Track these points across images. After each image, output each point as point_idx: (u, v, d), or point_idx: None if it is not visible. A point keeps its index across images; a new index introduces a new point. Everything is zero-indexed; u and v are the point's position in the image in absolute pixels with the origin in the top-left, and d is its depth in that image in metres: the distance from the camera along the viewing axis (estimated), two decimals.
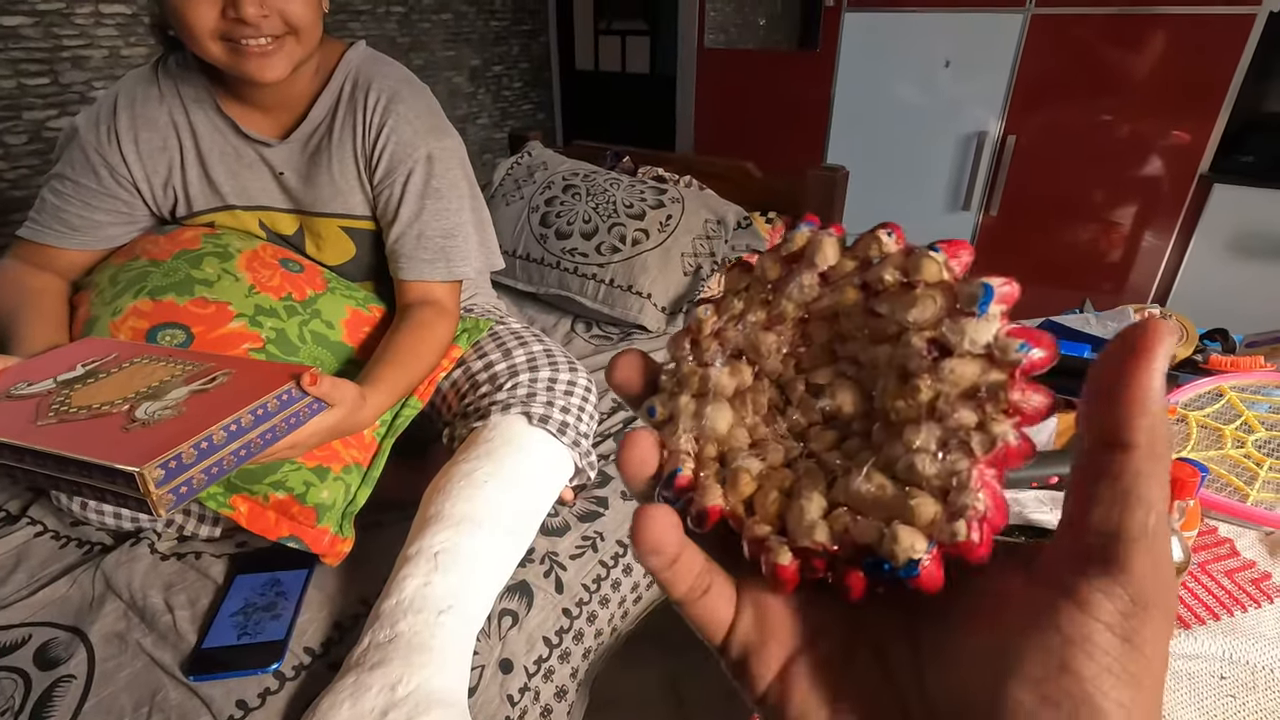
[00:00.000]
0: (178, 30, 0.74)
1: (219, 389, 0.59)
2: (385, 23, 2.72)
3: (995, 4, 1.99)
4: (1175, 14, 1.79)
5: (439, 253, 0.88)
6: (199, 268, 0.82)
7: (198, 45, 0.74)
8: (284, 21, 0.74)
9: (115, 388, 0.61)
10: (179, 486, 0.51)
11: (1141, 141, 1.93)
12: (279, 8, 0.72)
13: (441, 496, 0.74)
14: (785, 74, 2.44)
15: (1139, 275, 2.05)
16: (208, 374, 0.62)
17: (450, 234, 0.89)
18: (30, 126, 1.87)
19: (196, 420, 0.54)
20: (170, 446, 0.50)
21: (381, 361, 0.80)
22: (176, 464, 0.50)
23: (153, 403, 0.57)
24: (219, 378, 0.61)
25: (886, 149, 2.31)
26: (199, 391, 0.59)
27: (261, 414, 0.58)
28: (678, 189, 1.49)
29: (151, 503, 0.49)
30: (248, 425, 0.56)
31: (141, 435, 0.52)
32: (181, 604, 0.72)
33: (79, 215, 0.86)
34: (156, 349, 0.68)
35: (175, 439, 0.51)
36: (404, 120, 0.86)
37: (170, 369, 0.63)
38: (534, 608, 0.77)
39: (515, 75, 3.37)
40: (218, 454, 0.54)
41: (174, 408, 0.56)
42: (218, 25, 0.72)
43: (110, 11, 1.95)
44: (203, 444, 0.52)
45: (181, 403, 0.57)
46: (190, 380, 0.61)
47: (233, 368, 0.63)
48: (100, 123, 0.84)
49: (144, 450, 0.50)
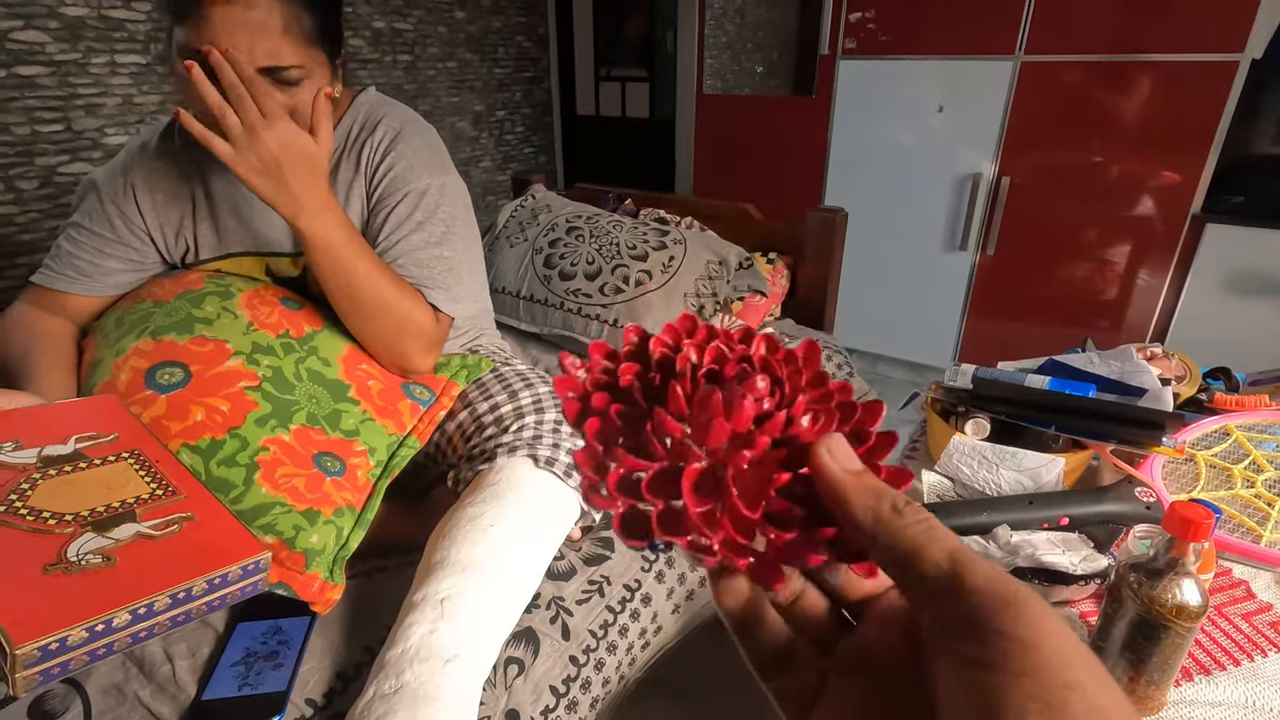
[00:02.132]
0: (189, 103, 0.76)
1: (166, 540, 0.55)
2: (392, 70, 2.80)
3: (985, 52, 2.05)
4: (1160, 61, 1.84)
5: (417, 279, 0.88)
6: (200, 306, 0.83)
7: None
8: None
9: (79, 493, 0.58)
10: (52, 668, 0.45)
11: (1134, 182, 1.97)
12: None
13: (447, 541, 0.73)
14: (782, 119, 2.50)
15: (1136, 313, 2.07)
16: (168, 510, 0.58)
17: (429, 265, 0.89)
18: (42, 172, 1.90)
19: (117, 584, 0.49)
20: (66, 622, 0.45)
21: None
22: (59, 646, 0.45)
23: (94, 536, 0.53)
24: (174, 525, 0.57)
25: (883, 191, 2.35)
26: (145, 536, 0.55)
27: (183, 597, 0.52)
28: (680, 230, 1.51)
29: (11, 681, 0.43)
30: (160, 609, 0.50)
31: (55, 587, 0.48)
32: (182, 653, 0.70)
33: (91, 262, 0.87)
34: (152, 445, 0.66)
35: (80, 605, 0.46)
36: (403, 156, 0.89)
37: (143, 485, 0.61)
38: (540, 655, 0.75)
39: (518, 120, 3.45)
40: (112, 636, 0.48)
41: (106, 558, 0.52)
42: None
43: (125, 61, 2.00)
44: (98, 626, 0.47)
45: (120, 549, 0.53)
46: (148, 515, 0.57)
47: (199, 511, 0.59)
48: (118, 175, 0.87)
49: (40, 615, 0.45)
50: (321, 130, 0.77)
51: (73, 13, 1.87)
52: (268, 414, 0.79)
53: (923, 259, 2.35)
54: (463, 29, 3.05)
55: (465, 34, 3.06)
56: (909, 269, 2.38)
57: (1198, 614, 0.58)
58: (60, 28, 1.86)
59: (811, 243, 1.60)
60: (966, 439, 0.88)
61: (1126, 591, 0.60)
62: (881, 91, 2.26)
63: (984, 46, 2.05)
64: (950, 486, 0.87)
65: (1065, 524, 0.77)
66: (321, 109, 0.77)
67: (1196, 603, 0.58)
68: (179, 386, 0.78)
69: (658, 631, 0.88)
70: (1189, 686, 0.64)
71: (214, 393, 0.78)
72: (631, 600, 0.85)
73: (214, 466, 0.75)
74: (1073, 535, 0.77)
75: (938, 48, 2.12)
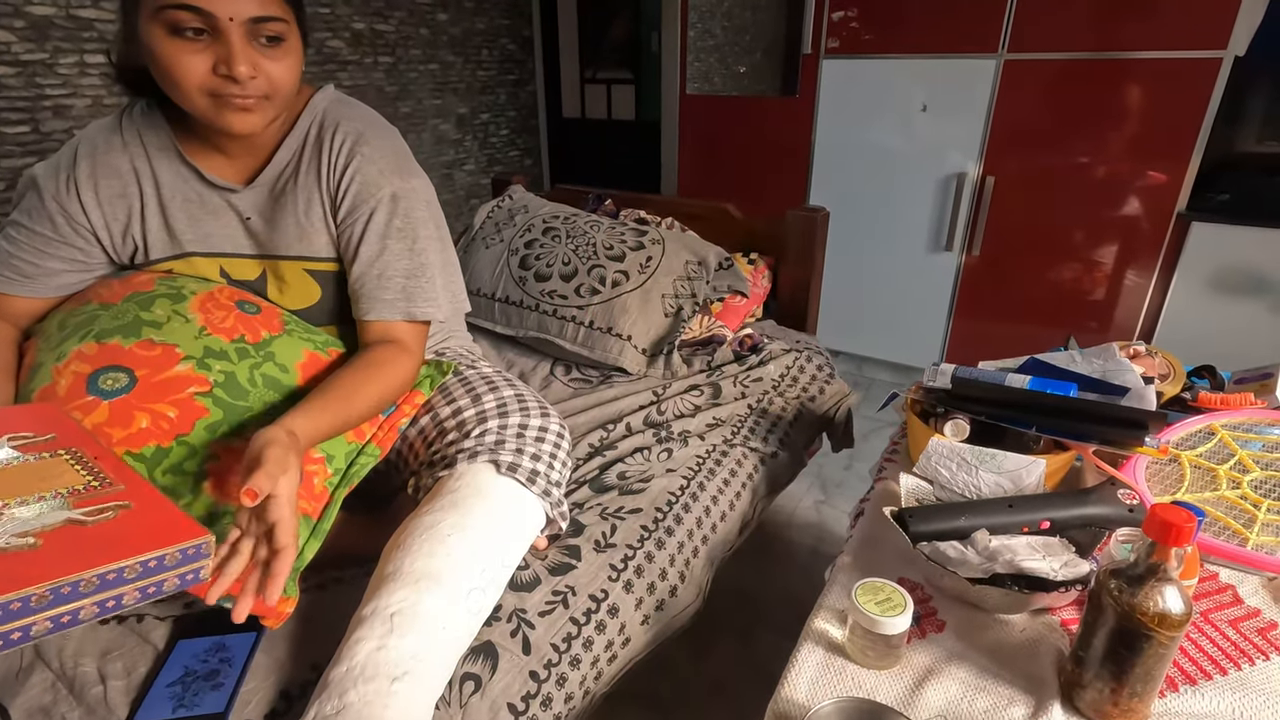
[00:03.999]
0: (161, 80, 0.74)
1: (99, 526, 0.53)
2: (373, 72, 2.76)
3: (968, 50, 2.04)
4: (1143, 58, 1.83)
5: (400, 292, 0.85)
6: (149, 310, 0.79)
7: (183, 96, 0.73)
8: (268, 82, 0.75)
9: (8, 483, 0.55)
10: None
11: (1118, 181, 1.95)
12: (267, 71, 0.74)
13: (400, 552, 0.70)
14: (766, 119, 2.48)
15: (1123, 313, 2.05)
16: (103, 499, 0.55)
17: (413, 274, 0.86)
18: (6, 174, 1.86)
19: (40, 565, 0.47)
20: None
21: (316, 393, 0.75)
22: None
23: (18, 521, 0.51)
24: (109, 511, 0.54)
25: (867, 191, 2.33)
26: (76, 522, 0.52)
27: (113, 579, 0.49)
28: (659, 230, 1.48)
29: None
30: (87, 590, 0.48)
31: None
32: (116, 673, 0.67)
33: (32, 263, 0.83)
34: (91, 444, 0.63)
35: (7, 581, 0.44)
36: (369, 160, 0.85)
37: (78, 477, 0.58)
38: (499, 671, 0.72)
39: (503, 123, 3.42)
40: (29, 618, 0.46)
41: (30, 538, 0.49)
42: (205, 80, 0.72)
43: (95, 62, 1.96)
44: (13, 604, 0.45)
45: (46, 532, 0.50)
46: (80, 503, 0.54)
47: (137, 501, 0.56)
48: (60, 171, 0.83)
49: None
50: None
51: (40, 12, 1.83)
52: (219, 420, 0.76)
53: (907, 259, 2.33)
54: (445, 31, 3.02)
55: (448, 36, 3.03)
56: (894, 269, 2.36)
57: (1181, 622, 0.55)
58: (26, 27, 1.82)
59: (793, 243, 1.58)
60: (945, 440, 0.85)
61: (1107, 599, 0.57)
62: (865, 91, 2.24)
63: (967, 45, 2.03)
64: (929, 490, 0.84)
65: (1046, 528, 0.75)
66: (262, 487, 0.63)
67: (1179, 610, 0.55)
68: (123, 392, 0.74)
69: (626, 643, 0.84)
70: (1174, 698, 0.62)
71: (160, 399, 0.75)
72: (597, 611, 0.82)
73: (159, 475, 0.72)
74: (1054, 540, 0.74)
75: (921, 46, 2.10)
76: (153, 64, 0.73)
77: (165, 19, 0.69)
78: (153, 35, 0.70)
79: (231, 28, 0.70)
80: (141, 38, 0.71)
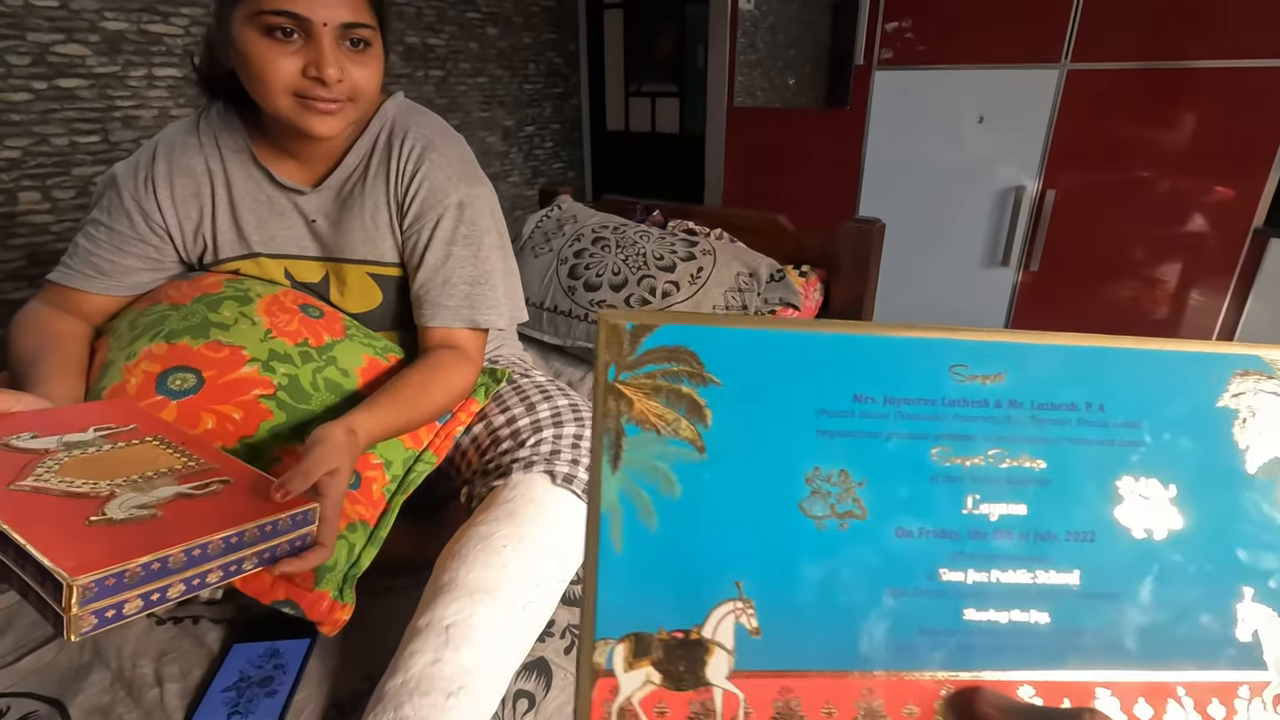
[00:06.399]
0: (249, 81, 0.75)
1: (208, 499, 0.54)
2: (424, 85, 2.82)
3: (1029, 60, 1.98)
4: (1216, 67, 1.75)
5: (464, 299, 0.85)
6: (216, 311, 0.80)
7: (270, 96, 0.75)
8: (353, 86, 0.76)
9: (110, 466, 0.56)
10: (106, 609, 0.43)
11: (1188, 195, 1.87)
12: (352, 75, 0.75)
13: (456, 562, 0.68)
14: (815, 131, 2.45)
15: (1191, 334, 1.95)
16: (204, 476, 0.57)
17: (476, 281, 0.86)
18: (78, 182, 1.93)
19: (167, 531, 0.48)
20: (121, 559, 0.44)
21: (382, 391, 0.76)
22: (115, 581, 0.43)
23: (132, 495, 0.52)
24: (213, 485, 0.56)
25: (920, 204, 2.28)
26: (186, 496, 0.54)
27: (236, 541, 0.51)
28: (709, 241, 1.46)
29: (67, 621, 0.42)
30: (214, 553, 0.50)
31: (101, 535, 0.47)
32: (173, 675, 0.66)
33: (109, 260, 0.85)
34: (174, 432, 0.64)
35: (131, 550, 0.45)
36: (437, 167, 0.85)
37: (173, 459, 0.59)
38: (553, 688, 0.69)
39: (547, 135, 3.46)
40: (166, 579, 0.47)
41: (150, 509, 0.51)
42: (294, 82, 0.73)
43: (162, 74, 2.03)
44: (154, 564, 0.46)
45: (162, 505, 0.52)
46: (184, 479, 0.56)
47: (235, 476, 0.58)
48: (139, 170, 0.85)
49: (92, 556, 0.43)
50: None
51: (113, 26, 1.91)
52: (282, 423, 0.76)
53: (962, 274, 2.26)
54: (494, 45, 3.06)
55: (496, 49, 3.08)
56: (948, 284, 2.30)
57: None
58: (100, 41, 1.89)
59: (847, 256, 1.54)
60: None
61: None
62: (918, 102, 2.19)
63: (1028, 55, 1.97)
64: None
65: None
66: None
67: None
68: (191, 392, 0.75)
69: None
70: None
71: (227, 400, 0.75)
72: None
73: None
74: None
75: (978, 57, 2.05)
76: (242, 65, 0.74)
77: (261, 22, 0.70)
78: (246, 37, 0.72)
79: (324, 32, 0.72)
80: (234, 39, 0.73)
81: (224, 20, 0.74)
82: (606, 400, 0.27)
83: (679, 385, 0.28)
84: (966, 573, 0.28)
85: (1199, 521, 0.29)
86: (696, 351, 0.28)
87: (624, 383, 0.27)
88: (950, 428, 0.29)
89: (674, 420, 0.27)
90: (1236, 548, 0.29)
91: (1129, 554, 0.29)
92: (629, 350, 0.28)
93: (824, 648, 0.27)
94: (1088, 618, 0.28)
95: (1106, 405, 0.29)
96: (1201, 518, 0.29)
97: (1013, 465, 0.29)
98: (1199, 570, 0.29)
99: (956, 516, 0.28)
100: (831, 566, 0.27)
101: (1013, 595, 0.28)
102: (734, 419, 0.28)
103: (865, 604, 0.27)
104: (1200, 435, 0.30)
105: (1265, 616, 0.29)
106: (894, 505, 0.28)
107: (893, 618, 0.27)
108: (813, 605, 0.27)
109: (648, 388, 0.27)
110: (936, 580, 0.28)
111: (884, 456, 0.28)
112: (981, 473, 0.29)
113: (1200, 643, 0.29)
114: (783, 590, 0.27)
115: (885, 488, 0.28)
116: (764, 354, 0.28)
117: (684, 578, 0.26)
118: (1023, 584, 0.28)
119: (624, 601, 0.26)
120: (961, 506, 0.28)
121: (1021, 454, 0.29)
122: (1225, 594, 0.29)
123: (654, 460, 0.27)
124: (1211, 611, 0.29)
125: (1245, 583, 0.29)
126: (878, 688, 0.27)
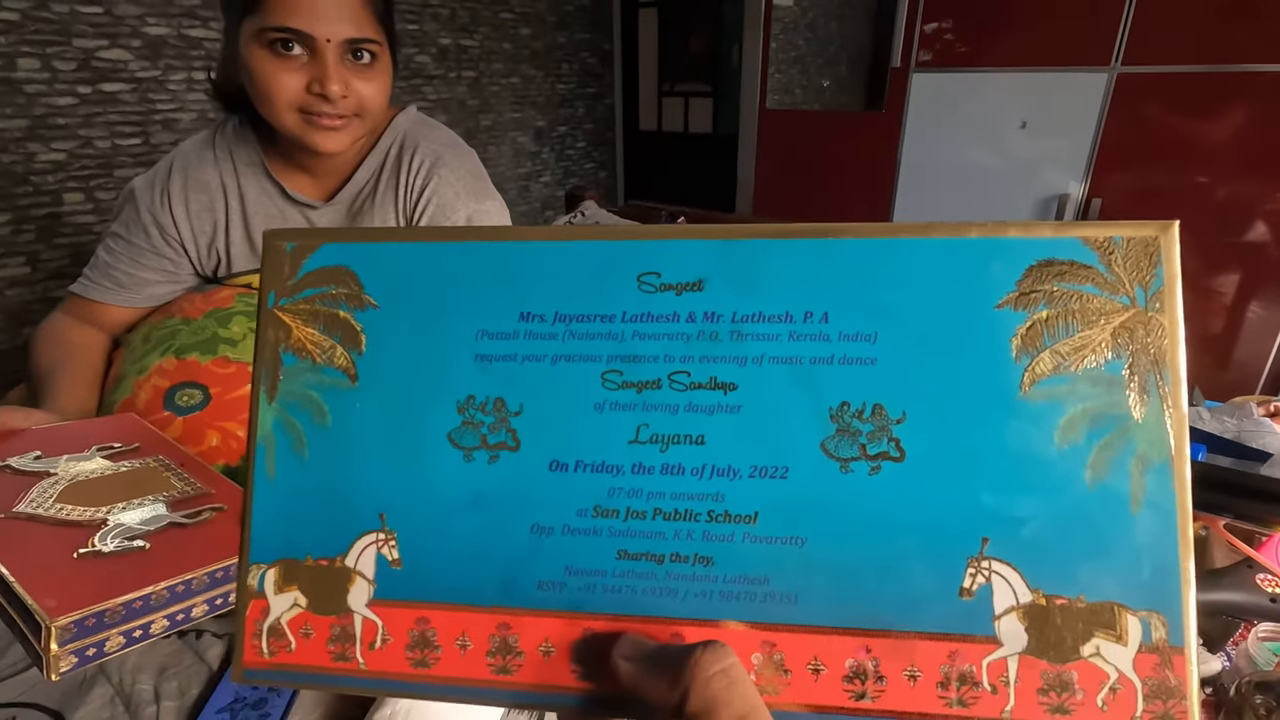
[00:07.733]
0: (255, 96, 0.76)
1: (200, 528, 0.54)
2: (456, 86, 2.83)
3: (1077, 63, 1.89)
4: (1273, 71, 1.65)
5: None
6: (226, 327, 0.80)
7: (274, 112, 0.75)
8: (358, 101, 0.76)
9: (106, 490, 0.56)
10: (86, 649, 0.43)
11: (1243, 204, 1.77)
12: (357, 90, 0.75)
13: None
14: (849, 134, 2.39)
15: (1247, 353, 1.85)
16: (198, 502, 0.57)
17: None
18: (119, 184, 1.99)
19: (153, 565, 0.48)
20: (106, 596, 0.43)
21: None
22: (95, 621, 0.43)
23: (123, 525, 0.52)
24: (205, 513, 0.56)
25: (957, 211, 2.21)
26: (178, 525, 0.53)
27: (221, 576, 0.50)
28: None
29: (46, 661, 0.42)
30: (199, 588, 0.49)
31: (89, 569, 0.46)
32: (171, 693, 0.67)
33: (127, 273, 0.87)
34: (175, 452, 0.65)
35: (118, 585, 0.44)
36: (445, 182, 0.85)
37: (170, 484, 0.59)
38: None
39: (579, 135, 3.45)
40: (149, 616, 0.46)
41: (141, 539, 0.50)
42: (298, 98, 0.74)
43: (201, 78, 2.08)
44: (136, 602, 0.45)
45: (153, 535, 0.51)
46: (177, 505, 0.56)
47: (229, 503, 0.58)
48: (155, 184, 0.86)
49: (75, 594, 0.43)
50: None
51: (154, 31, 1.96)
52: None
53: None
54: (527, 45, 3.06)
55: (529, 50, 3.08)
56: None
57: None
58: (142, 46, 1.94)
59: None
60: None
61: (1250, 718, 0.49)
62: (957, 105, 2.12)
63: (1075, 57, 1.89)
64: None
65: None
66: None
67: None
68: (197, 409, 0.76)
69: None
70: None
71: (232, 417, 0.76)
72: None
73: None
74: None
75: (1022, 59, 1.97)
76: (249, 81, 0.75)
77: (265, 38, 0.71)
78: (252, 53, 0.72)
79: (328, 48, 0.71)
80: (241, 55, 0.73)
81: (232, 37, 0.75)
82: (265, 329, 0.26)
83: (336, 310, 0.26)
84: (624, 510, 0.25)
85: (933, 456, 0.25)
86: (357, 272, 0.26)
87: (283, 309, 0.26)
88: (628, 348, 0.26)
89: (330, 348, 0.26)
90: (982, 489, 0.24)
91: (831, 493, 0.25)
92: (290, 274, 0.27)
93: (463, 582, 0.26)
94: (760, 564, 0.25)
95: (832, 314, 0.25)
96: (938, 451, 0.25)
97: (696, 389, 0.25)
98: (921, 514, 0.24)
99: (620, 448, 0.26)
100: (475, 501, 0.26)
101: (673, 536, 0.25)
102: (389, 344, 0.26)
103: (508, 541, 0.26)
104: (959, 348, 0.25)
105: (1001, 571, 0.24)
106: (551, 436, 0.26)
107: (537, 555, 0.26)
108: (455, 539, 0.26)
109: (306, 314, 0.26)
110: (588, 517, 0.26)
111: (546, 382, 0.26)
112: (657, 399, 0.26)
113: (908, 599, 0.24)
114: (425, 523, 0.26)
115: (543, 417, 0.26)
116: (425, 271, 0.26)
117: (330, 507, 0.26)
118: (685, 524, 0.25)
119: (275, 529, 0.27)
120: (629, 437, 0.26)
121: (711, 376, 0.25)
122: (954, 544, 0.24)
123: (307, 389, 0.26)
124: (929, 563, 0.24)
125: (985, 531, 0.24)
126: (514, 623, 0.26)
